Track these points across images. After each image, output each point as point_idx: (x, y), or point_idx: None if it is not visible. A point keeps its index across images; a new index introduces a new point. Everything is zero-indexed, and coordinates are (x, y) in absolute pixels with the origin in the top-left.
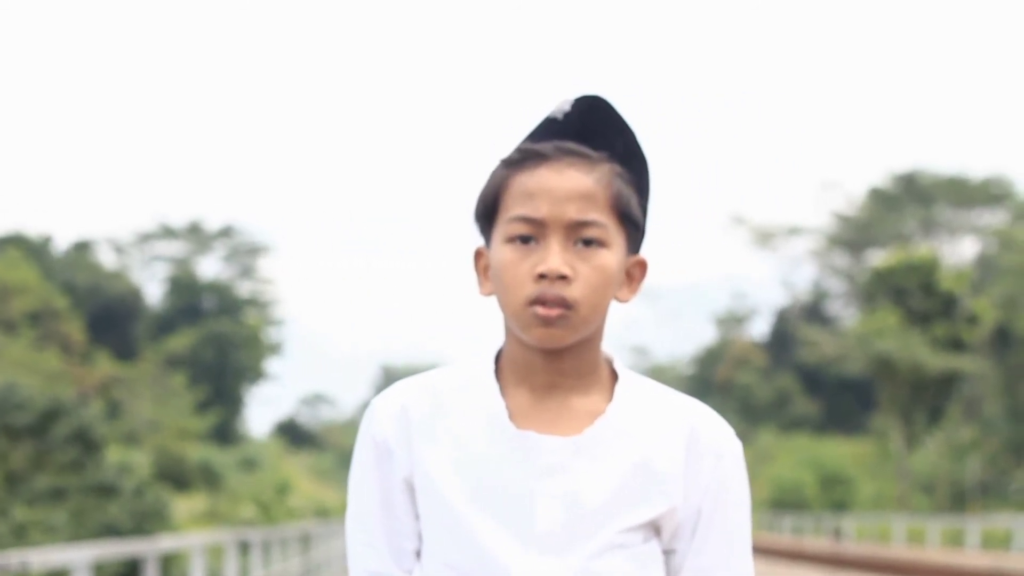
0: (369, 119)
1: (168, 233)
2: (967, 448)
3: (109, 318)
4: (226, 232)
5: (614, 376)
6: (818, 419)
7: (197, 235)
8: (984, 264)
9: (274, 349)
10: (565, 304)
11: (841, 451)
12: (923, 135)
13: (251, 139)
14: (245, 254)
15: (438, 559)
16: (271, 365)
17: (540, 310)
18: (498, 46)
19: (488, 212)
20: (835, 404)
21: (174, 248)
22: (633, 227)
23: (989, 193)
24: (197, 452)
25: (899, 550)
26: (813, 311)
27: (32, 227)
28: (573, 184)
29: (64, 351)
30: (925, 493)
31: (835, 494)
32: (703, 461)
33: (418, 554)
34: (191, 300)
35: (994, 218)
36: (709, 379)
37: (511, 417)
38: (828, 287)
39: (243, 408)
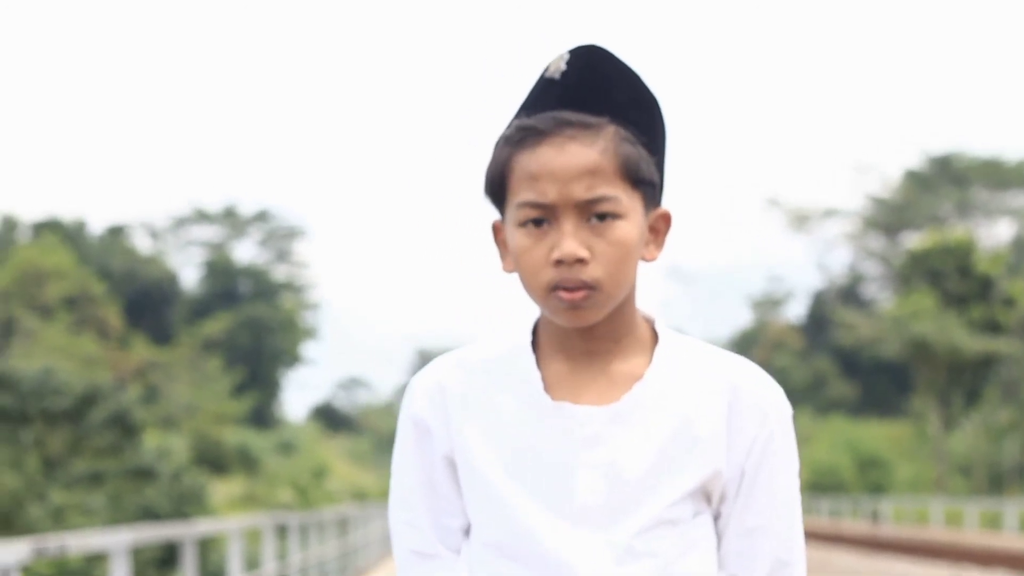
0: (404, 100)
1: (203, 217)
2: (1005, 430)
3: (145, 303)
4: (261, 216)
5: (656, 338)
6: (855, 402)
7: (232, 219)
8: (1020, 246)
9: (310, 333)
10: (587, 286)
11: (878, 434)
12: (959, 117)
13: (286, 122)
14: (280, 238)
15: (479, 538)
16: (307, 349)
17: (563, 295)
18: (533, 26)
19: (496, 192)
20: (872, 387)
21: (209, 232)
22: (648, 187)
23: None
24: (234, 436)
25: (937, 532)
26: (849, 294)
27: (67, 212)
28: (577, 161)
29: (101, 336)
30: (963, 475)
31: (872, 477)
32: (746, 420)
33: (466, 532)
34: (227, 284)
35: None
36: None
37: (548, 388)
38: (864, 270)
39: (279, 392)
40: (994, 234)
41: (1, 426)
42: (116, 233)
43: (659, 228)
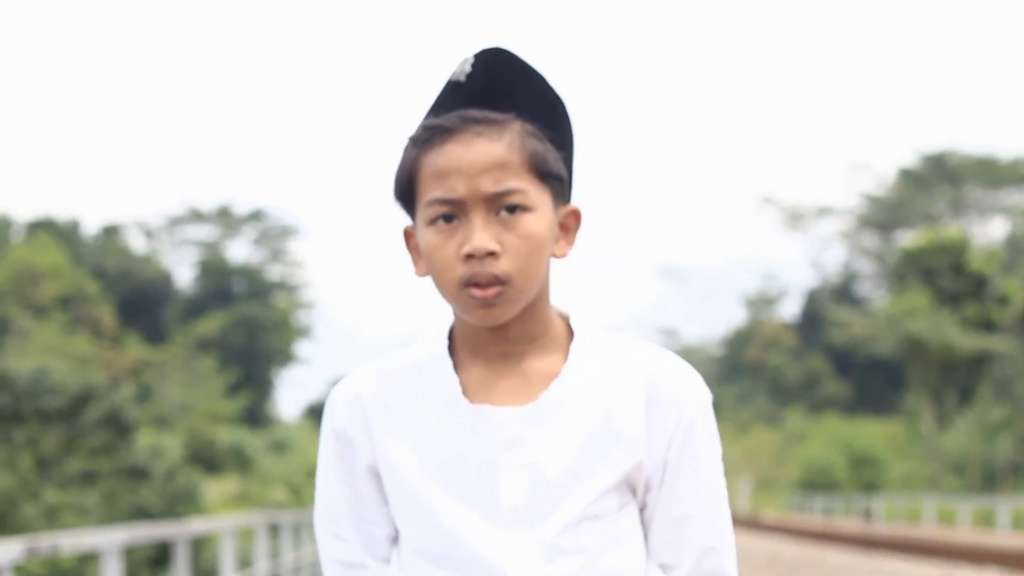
0: (399, 99)
1: (198, 217)
2: (998, 428)
3: (139, 302)
4: (256, 216)
5: (572, 334)
6: (848, 400)
7: (227, 219)
8: (1014, 244)
9: (304, 332)
10: (499, 280)
11: (872, 432)
12: (953, 115)
13: (280, 122)
14: (275, 237)
15: (408, 545)
16: (301, 348)
17: (476, 292)
18: (527, 25)
19: (405, 194)
20: (865, 385)
21: (204, 232)
22: (556, 181)
23: (1019, 173)
24: (228, 435)
25: (930, 530)
26: (843, 292)
27: (61, 211)
28: (484, 155)
29: (95, 335)
30: (956, 473)
31: (866, 475)
32: (666, 410)
33: (393, 540)
34: (221, 284)
35: (1023, 198)
36: (739, 361)
37: (466, 391)
38: (858, 268)
39: (273, 391)
40: (988, 232)
41: None
42: (110, 233)
43: (569, 224)
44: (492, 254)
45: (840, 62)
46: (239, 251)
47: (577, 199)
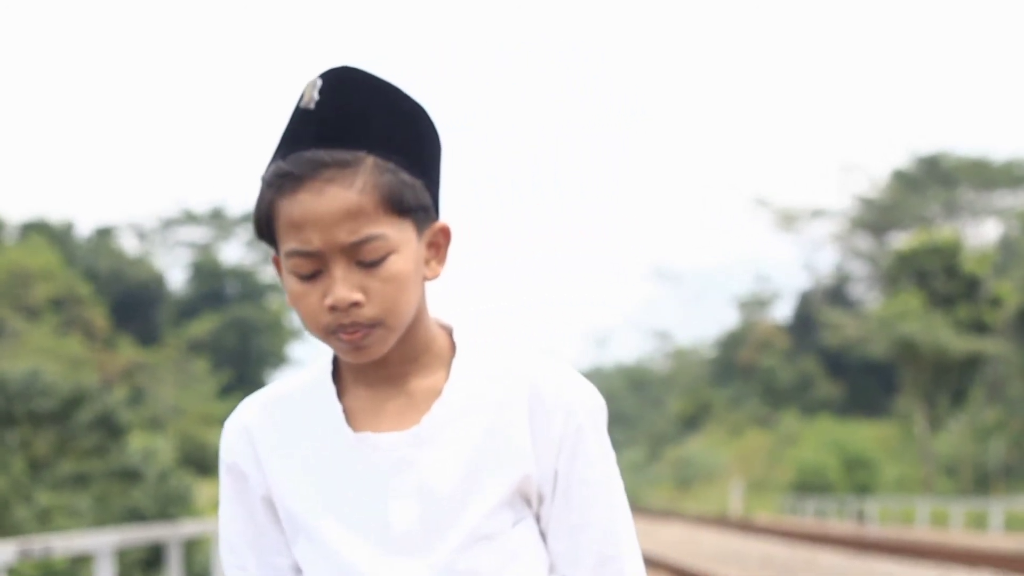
0: None
1: (191, 219)
2: (991, 430)
3: (132, 304)
4: (249, 217)
5: (455, 348)
6: (841, 402)
7: (220, 220)
8: (1007, 246)
9: (297, 334)
10: (367, 326)
11: (864, 434)
12: (946, 117)
13: (273, 123)
14: None
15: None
16: (294, 350)
17: (344, 336)
18: (524, 28)
19: (266, 234)
20: (858, 387)
21: (197, 234)
22: (418, 212)
23: (1012, 175)
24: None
25: (923, 532)
26: (836, 294)
27: (54, 213)
28: (337, 205)
29: (87, 337)
30: (949, 476)
31: (858, 477)
32: (550, 419)
33: (298, 569)
34: (214, 286)
35: (1017, 200)
36: (732, 362)
37: (351, 418)
38: (851, 270)
39: None
40: (981, 234)
41: None
42: (103, 234)
43: (439, 243)
44: (356, 304)
45: (834, 64)
46: (232, 253)
47: (573, 201)
